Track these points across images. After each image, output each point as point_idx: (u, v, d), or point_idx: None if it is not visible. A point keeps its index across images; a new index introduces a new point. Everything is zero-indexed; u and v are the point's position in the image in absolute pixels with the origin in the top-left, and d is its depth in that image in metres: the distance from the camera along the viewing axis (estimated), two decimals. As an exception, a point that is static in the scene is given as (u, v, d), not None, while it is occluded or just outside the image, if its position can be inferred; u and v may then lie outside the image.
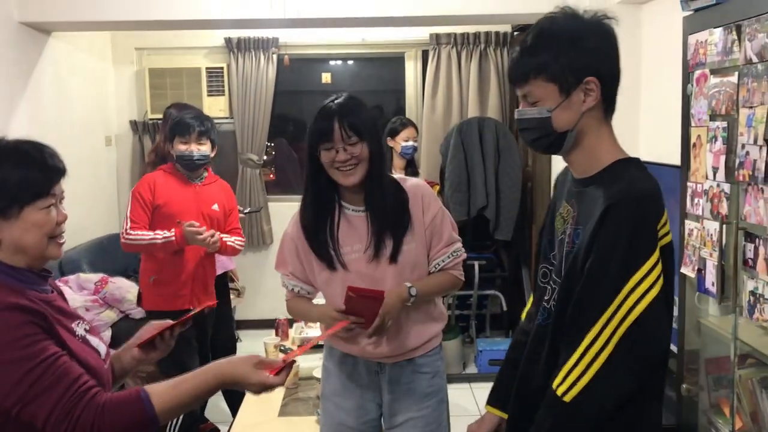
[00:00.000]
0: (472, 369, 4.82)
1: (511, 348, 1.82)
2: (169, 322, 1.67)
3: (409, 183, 2.18)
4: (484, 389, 1.76)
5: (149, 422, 1.39)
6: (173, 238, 3.19)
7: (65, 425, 1.33)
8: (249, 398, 2.99)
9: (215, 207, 3.40)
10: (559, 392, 1.43)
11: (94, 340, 1.56)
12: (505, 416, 1.73)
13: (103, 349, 1.58)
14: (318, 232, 2.10)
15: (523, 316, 1.83)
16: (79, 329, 1.52)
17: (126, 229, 3.21)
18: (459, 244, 2.21)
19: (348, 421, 2.22)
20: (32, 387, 1.33)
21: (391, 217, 2.08)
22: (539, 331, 1.61)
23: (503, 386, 1.77)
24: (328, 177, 2.06)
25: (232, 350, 3.88)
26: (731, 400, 2.14)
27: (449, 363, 4.70)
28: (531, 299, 1.78)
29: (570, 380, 1.42)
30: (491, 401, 1.80)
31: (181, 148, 3.28)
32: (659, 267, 1.41)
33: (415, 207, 2.13)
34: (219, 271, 3.63)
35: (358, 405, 2.23)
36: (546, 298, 1.62)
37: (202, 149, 3.30)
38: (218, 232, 3.33)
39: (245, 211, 4.18)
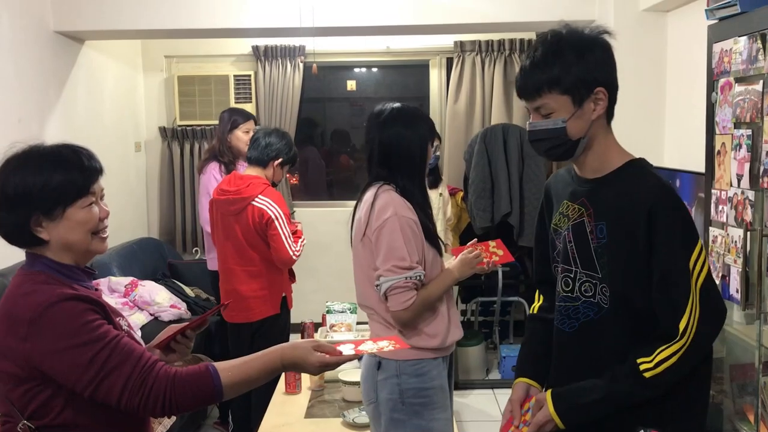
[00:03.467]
0: (495, 375, 4.82)
1: (538, 332, 1.84)
2: (183, 324, 1.72)
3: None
4: (507, 395, 1.77)
5: (216, 395, 1.47)
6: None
7: (139, 397, 1.42)
8: (275, 400, 3.03)
9: None
10: (642, 368, 1.52)
11: (136, 335, 1.64)
12: (537, 385, 1.76)
13: (143, 344, 1.66)
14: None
15: (535, 310, 1.87)
16: (123, 324, 1.60)
17: (294, 247, 3.29)
18: None
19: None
20: (103, 367, 1.41)
21: None
22: (592, 324, 1.61)
23: (530, 361, 1.81)
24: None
25: None
26: (756, 406, 2.15)
27: (472, 369, 4.73)
28: (539, 296, 1.87)
29: (655, 362, 1.51)
30: (520, 375, 1.81)
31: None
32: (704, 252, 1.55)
33: None
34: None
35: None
36: (573, 290, 1.65)
37: None
38: None
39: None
